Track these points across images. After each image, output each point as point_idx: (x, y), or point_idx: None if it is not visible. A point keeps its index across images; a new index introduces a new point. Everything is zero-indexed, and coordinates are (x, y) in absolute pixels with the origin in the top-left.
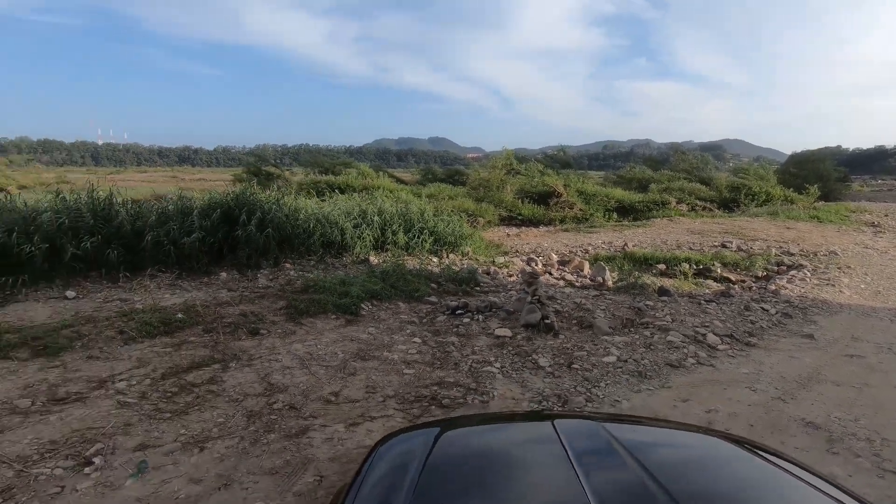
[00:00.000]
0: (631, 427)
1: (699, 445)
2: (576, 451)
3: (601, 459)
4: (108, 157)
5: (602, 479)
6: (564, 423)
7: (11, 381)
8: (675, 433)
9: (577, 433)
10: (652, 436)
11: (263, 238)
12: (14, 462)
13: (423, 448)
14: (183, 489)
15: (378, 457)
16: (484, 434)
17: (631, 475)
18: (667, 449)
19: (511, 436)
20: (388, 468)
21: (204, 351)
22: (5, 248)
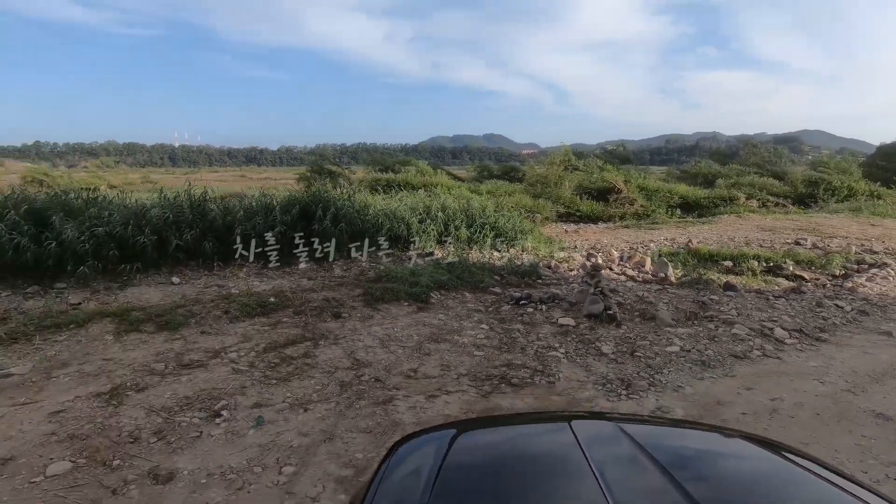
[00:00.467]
0: (649, 428)
1: (720, 446)
2: (593, 452)
3: (619, 461)
4: (183, 159)
5: (621, 481)
6: (582, 423)
7: (145, 349)
8: (694, 434)
9: (595, 434)
10: (671, 437)
11: (337, 232)
12: (161, 411)
13: (440, 450)
14: (294, 440)
15: (396, 458)
16: (500, 435)
17: (650, 477)
18: (687, 450)
19: (528, 437)
20: (406, 470)
21: (296, 330)
22: (122, 240)
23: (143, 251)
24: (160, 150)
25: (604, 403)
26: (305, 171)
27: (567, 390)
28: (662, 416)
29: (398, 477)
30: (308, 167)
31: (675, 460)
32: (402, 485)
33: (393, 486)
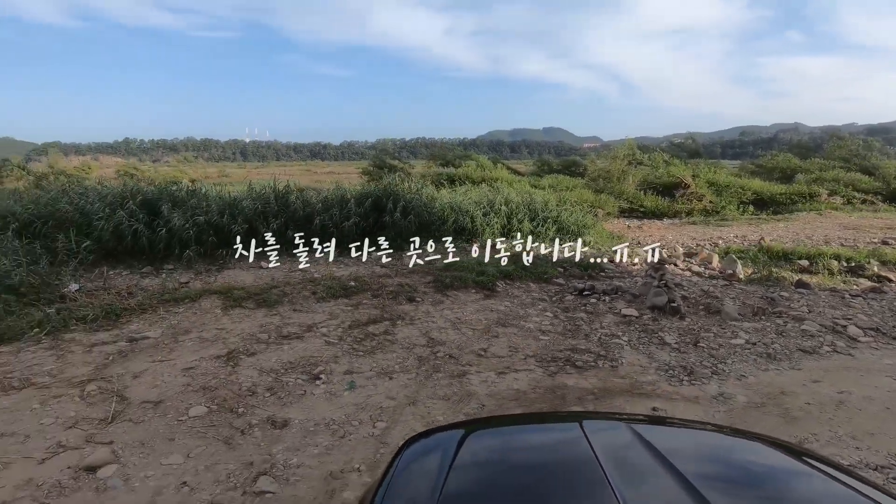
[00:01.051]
0: (661, 429)
1: (735, 449)
2: (604, 453)
3: (630, 462)
4: (253, 153)
5: (631, 482)
6: (592, 424)
7: (249, 322)
8: (708, 435)
9: (606, 435)
10: (683, 438)
11: (406, 223)
12: (270, 372)
13: (449, 450)
14: (383, 402)
15: (405, 459)
16: (510, 435)
17: (661, 479)
18: (700, 452)
19: (538, 437)
20: (415, 470)
21: (375, 311)
22: (218, 227)
23: (236, 238)
24: (233, 145)
25: (665, 387)
26: (368, 165)
27: (630, 374)
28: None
29: (407, 477)
30: (370, 162)
31: (687, 461)
32: (411, 485)
33: (402, 487)
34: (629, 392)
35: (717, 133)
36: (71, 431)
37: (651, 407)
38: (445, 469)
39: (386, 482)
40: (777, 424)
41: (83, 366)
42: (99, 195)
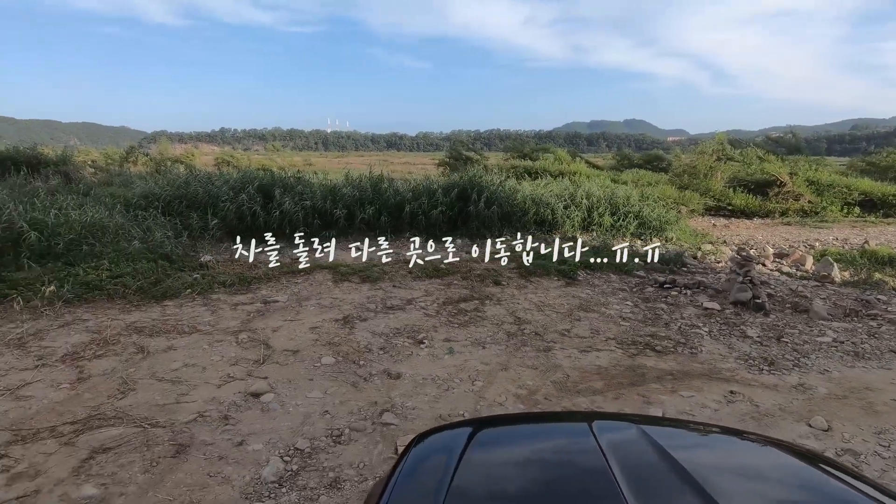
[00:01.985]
0: (672, 430)
1: (747, 451)
2: (613, 454)
3: (639, 463)
4: (333, 143)
5: (640, 483)
6: (602, 424)
7: (357, 293)
8: (720, 438)
9: (616, 435)
10: (694, 440)
11: (490, 214)
12: (381, 335)
13: (457, 447)
14: (479, 366)
15: (413, 456)
16: (518, 434)
17: (671, 480)
18: (711, 455)
19: (546, 436)
20: (423, 468)
21: (465, 291)
22: (322, 212)
23: (336, 222)
24: (315, 135)
25: (744, 374)
26: (444, 157)
27: (709, 361)
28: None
29: (415, 474)
30: (446, 153)
31: (697, 463)
32: (418, 483)
33: (410, 484)
34: (707, 376)
35: (822, 126)
36: (235, 367)
37: (728, 390)
38: (453, 467)
39: (394, 479)
40: (857, 415)
41: (232, 320)
42: (224, 180)
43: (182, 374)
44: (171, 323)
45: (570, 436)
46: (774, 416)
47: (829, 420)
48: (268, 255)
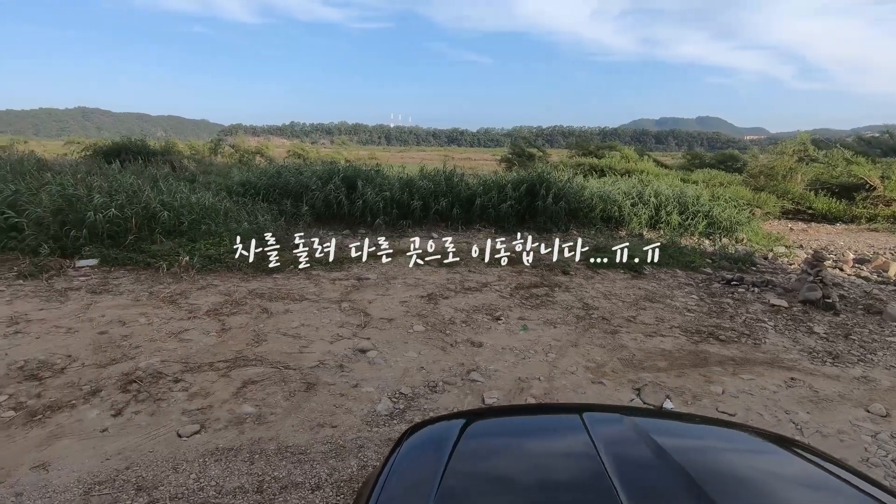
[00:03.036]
0: (663, 422)
1: (739, 444)
2: (604, 445)
3: (630, 454)
4: (396, 138)
5: (631, 474)
6: (593, 416)
7: (437, 276)
8: (712, 430)
9: (607, 427)
10: (685, 431)
11: (557, 209)
12: (462, 311)
13: (450, 439)
14: (551, 342)
15: (406, 448)
16: (510, 426)
17: (661, 471)
18: (703, 446)
19: (538, 428)
20: (415, 459)
21: (535, 278)
22: (400, 202)
23: (412, 212)
24: (379, 130)
25: (806, 364)
26: (506, 153)
27: (771, 351)
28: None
29: (408, 465)
30: (508, 149)
31: (688, 455)
32: (411, 473)
33: (402, 475)
34: (768, 364)
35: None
36: (342, 329)
37: (789, 377)
38: (445, 459)
39: (387, 470)
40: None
41: (333, 291)
42: (312, 172)
43: (300, 332)
44: (283, 291)
45: (562, 427)
46: (833, 401)
47: (889, 408)
48: (346, 239)
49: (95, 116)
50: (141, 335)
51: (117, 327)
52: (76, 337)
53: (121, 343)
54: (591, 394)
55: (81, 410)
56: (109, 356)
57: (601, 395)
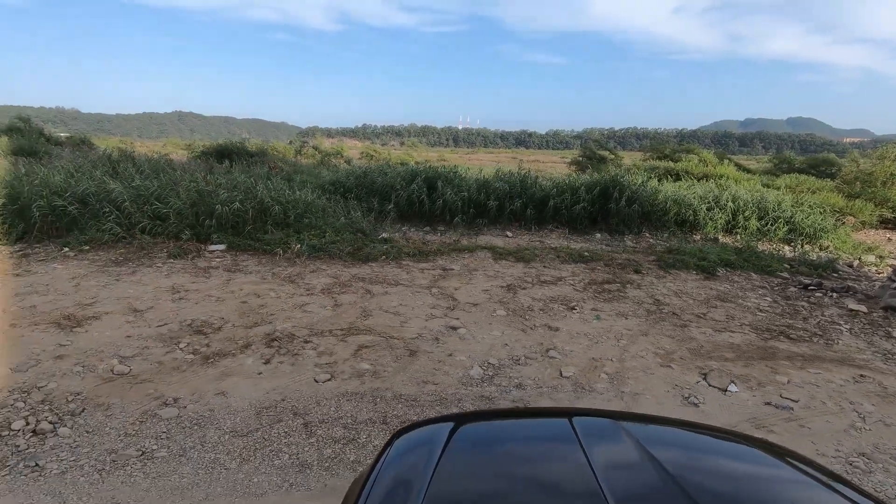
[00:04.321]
0: (652, 427)
1: (726, 450)
2: (593, 449)
3: (619, 459)
4: (463, 140)
5: (619, 479)
6: (582, 420)
7: (514, 270)
8: (700, 437)
9: (596, 431)
10: (673, 437)
11: (630, 212)
12: (539, 301)
13: (439, 442)
14: (622, 331)
15: (394, 450)
16: (499, 429)
17: (649, 476)
18: (690, 452)
19: (527, 432)
20: (404, 462)
21: (608, 275)
22: (477, 202)
23: (488, 212)
24: (447, 132)
25: (878, 364)
26: (577, 155)
27: (843, 351)
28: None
29: (396, 468)
30: (579, 151)
31: (676, 460)
32: (399, 477)
33: (390, 478)
34: (839, 361)
35: None
36: (434, 310)
37: (858, 374)
38: (434, 462)
39: (375, 472)
40: None
41: (422, 279)
42: (396, 173)
43: (399, 310)
44: (380, 277)
45: (551, 431)
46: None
47: None
48: (427, 235)
49: (189, 119)
50: (273, 306)
51: (254, 298)
52: (224, 304)
53: (259, 311)
54: (659, 375)
55: (240, 358)
56: (252, 320)
57: (668, 377)
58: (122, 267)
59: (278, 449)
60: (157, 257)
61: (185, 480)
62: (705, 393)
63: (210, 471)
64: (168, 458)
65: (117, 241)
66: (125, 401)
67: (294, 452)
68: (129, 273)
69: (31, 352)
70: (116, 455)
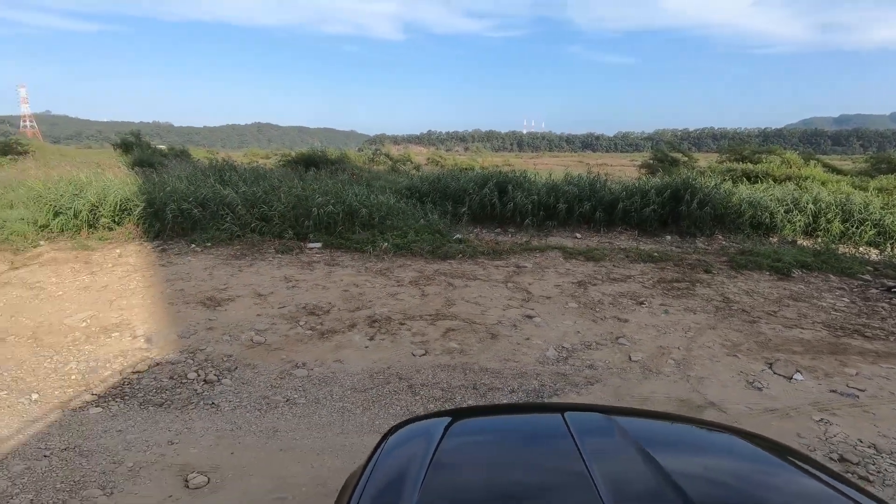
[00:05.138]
0: (643, 421)
1: (716, 443)
2: (585, 444)
3: (611, 453)
4: (527, 144)
5: (611, 473)
6: (575, 415)
7: (584, 268)
8: (690, 429)
9: (588, 426)
10: (665, 431)
11: (702, 214)
12: (609, 295)
13: (433, 438)
14: (690, 324)
15: (389, 445)
16: (493, 425)
17: (640, 469)
18: (681, 445)
19: (521, 427)
20: (398, 458)
21: (677, 274)
22: (546, 205)
23: (557, 214)
24: (511, 136)
25: None
26: (647, 158)
27: None
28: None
29: (390, 464)
30: (650, 154)
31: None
32: (393, 472)
33: (385, 473)
34: None
35: None
36: (510, 301)
37: None
38: (428, 457)
39: (370, 468)
40: None
41: (498, 274)
42: (469, 178)
43: (479, 300)
44: (459, 272)
45: (545, 427)
46: None
47: None
48: (498, 237)
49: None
50: (370, 294)
51: (353, 288)
52: (329, 292)
53: (359, 298)
54: (725, 363)
55: (348, 335)
56: (354, 305)
57: (734, 365)
58: (241, 260)
59: (391, 402)
60: (267, 252)
61: (323, 420)
62: (770, 380)
63: (341, 414)
64: (307, 405)
65: (232, 239)
66: (266, 362)
67: (404, 405)
68: (247, 265)
69: (189, 324)
70: (268, 400)
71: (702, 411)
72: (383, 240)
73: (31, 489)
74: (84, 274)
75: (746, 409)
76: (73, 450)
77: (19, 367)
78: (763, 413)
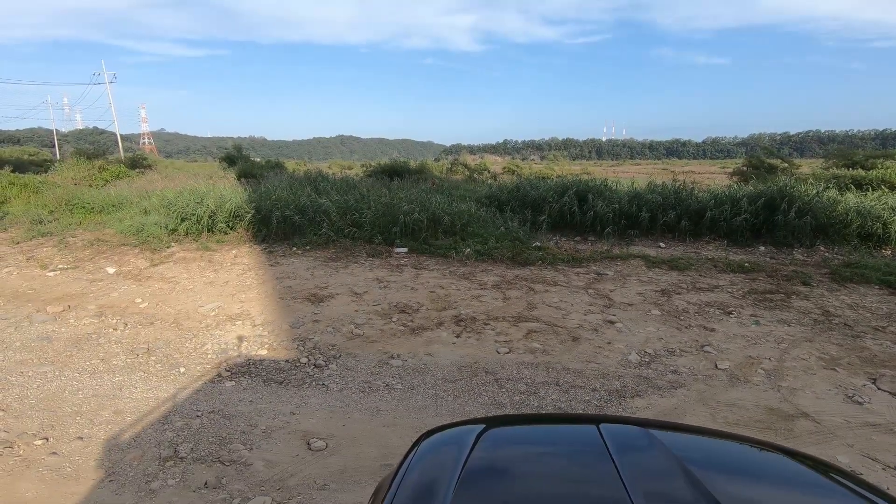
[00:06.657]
0: (681, 435)
1: (756, 459)
2: (621, 457)
3: (647, 467)
4: (607, 152)
5: (647, 487)
6: (611, 427)
7: (668, 277)
8: (732, 446)
9: (624, 438)
10: (704, 446)
11: (801, 224)
12: (694, 304)
13: (465, 446)
14: (783, 335)
15: (420, 452)
16: (526, 434)
17: (678, 485)
18: (721, 461)
19: (554, 438)
20: (430, 465)
21: (770, 285)
22: (628, 214)
23: (640, 223)
24: (590, 144)
25: None
26: (741, 164)
27: None
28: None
29: (421, 472)
30: (744, 160)
31: (707, 469)
32: (425, 480)
33: (416, 481)
34: None
35: None
36: (591, 307)
37: None
38: (459, 467)
39: (400, 474)
40: None
41: (578, 281)
42: (548, 186)
43: (560, 305)
44: (540, 278)
45: (579, 438)
46: None
47: None
48: (578, 245)
49: (349, 142)
50: (455, 296)
51: (439, 290)
52: (417, 293)
53: (445, 298)
54: (821, 376)
55: (437, 332)
56: (441, 305)
57: (831, 378)
58: (337, 262)
59: (479, 392)
60: (359, 255)
61: (419, 404)
62: (872, 395)
63: (434, 400)
64: (404, 390)
65: (328, 243)
66: (365, 352)
67: (491, 396)
68: (343, 267)
69: (298, 316)
70: (369, 384)
71: (793, 421)
72: (465, 246)
73: (191, 440)
74: (208, 271)
75: (843, 422)
76: (218, 413)
77: (167, 346)
78: (863, 426)
